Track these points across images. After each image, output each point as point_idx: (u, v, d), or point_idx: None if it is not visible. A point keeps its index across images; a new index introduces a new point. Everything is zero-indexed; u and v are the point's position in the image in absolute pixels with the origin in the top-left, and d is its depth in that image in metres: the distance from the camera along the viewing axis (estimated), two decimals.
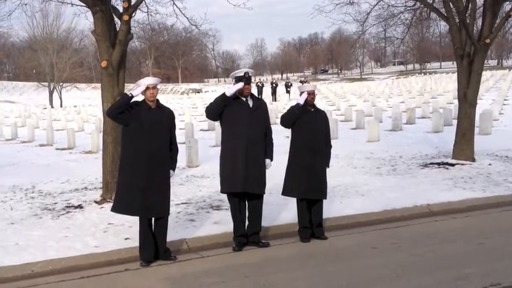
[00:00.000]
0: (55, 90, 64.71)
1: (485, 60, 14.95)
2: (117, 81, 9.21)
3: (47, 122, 30.31)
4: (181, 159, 10.42)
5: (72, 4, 10.78)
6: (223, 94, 6.37)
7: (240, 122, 6.30)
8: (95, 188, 10.35)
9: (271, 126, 6.77)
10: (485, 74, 45.79)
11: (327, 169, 6.96)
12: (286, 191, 6.85)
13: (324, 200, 6.95)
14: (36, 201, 9.45)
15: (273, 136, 6.70)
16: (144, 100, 6.05)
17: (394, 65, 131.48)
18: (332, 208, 7.96)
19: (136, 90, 5.98)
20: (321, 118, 6.92)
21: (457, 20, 11.93)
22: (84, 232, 7.23)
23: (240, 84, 6.30)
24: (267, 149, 6.53)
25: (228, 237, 6.70)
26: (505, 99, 28.37)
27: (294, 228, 6.99)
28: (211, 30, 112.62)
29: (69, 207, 8.87)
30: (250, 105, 6.41)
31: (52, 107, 56.37)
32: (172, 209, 7.30)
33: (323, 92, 46.60)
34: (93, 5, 8.94)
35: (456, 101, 14.40)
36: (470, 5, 11.97)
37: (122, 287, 5.55)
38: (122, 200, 5.95)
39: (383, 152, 13.94)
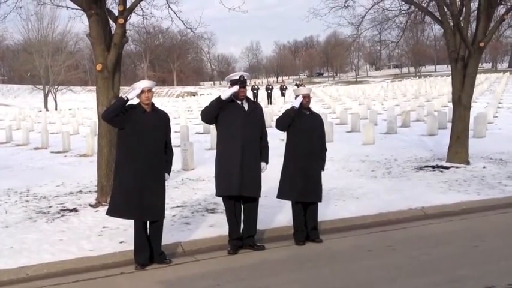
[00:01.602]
0: (50, 93, 64.46)
1: (480, 64, 15.03)
2: (112, 84, 9.21)
3: (41, 125, 30.20)
4: (177, 162, 10.41)
5: (68, 7, 10.77)
6: (219, 97, 6.38)
7: (236, 125, 6.31)
8: (90, 192, 10.33)
9: (267, 129, 6.78)
10: (480, 77, 46.03)
11: (322, 172, 6.97)
12: (282, 194, 6.86)
13: (319, 203, 6.96)
14: (31, 205, 9.42)
15: (268, 139, 6.70)
16: (139, 103, 6.05)
17: (389, 68, 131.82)
18: (327, 211, 7.97)
19: (131, 94, 5.98)
20: (316, 121, 6.94)
21: (452, 24, 11.98)
22: (79, 235, 7.21)
23: (236, 88, 6.31)
24: (262, 152, 6.54)
25: (223, 240, 6.70)
26: (500, 102, 28.49)
27: (289, 231, 6.99)
28: (207, 33, 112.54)
29: (64, 210, 8.85)
30: (246, 108, 6.43)
31: (47, 110, 56.16)
32: (168, 212, 7.28)
33: (318, 95, 46.66)
34: (89, 8, 8.94)
35: (451, 104, 14.44)
36: (464, 8, 12.04)
37: None
38: (117, 203, 5.95)
39: (378, 155, 13.97)
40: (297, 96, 6.87)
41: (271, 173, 7.10)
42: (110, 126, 7.42)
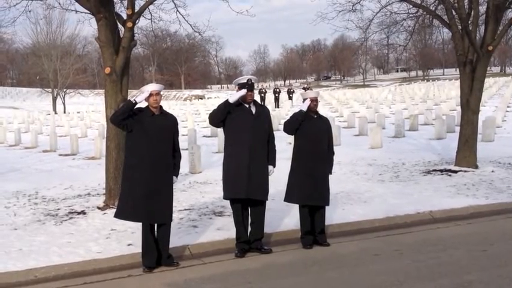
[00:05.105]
0: (58, 96, 64.84)
1: (488, 67, 14.94)
2: (121, 87, 9.26)
3: (50, 127, 30.37)
4: (184, 165, 10.43)
5: (77, 11, 10.84)
6: (227, 101, 6.40)
7: (243, 128, 6.32)
8: (98, 194, 10.37)
9: (274, 132, 6.80)
10: (488, 81, 45.85)
11: (330, 176, 6.97)
12: (289, 197, 6.86)
13: (327, 207, 6.95)
14: (39, 207, 9.47)
15: (276, 142, 6.71)
16: (147, 106, 6.08)
17: (396, 71, 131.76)
18: (334, 215, 7.97)
19: (140, 97, 6.01)
20: (324, 125, 6.94)
21: (460, 27, 11.95)
22: (87, 238, 7.25)
23: (243, 91, 6.33)
24: (269, 156, 6.55)
25: (231, 243, 6.71)
26: (508, 106, 28.35)
27: (297, 234, 6.99)
28: (214, 37, 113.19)
29: (72, 213, 8.89)
30: (253, 111, 6.44)
31: (55, 113, 56.44)
32: (175, 215, 7.30)
33: (326, 98, 46.65)
34: (97, 12, 9.00)
35: (459, 108, 14.40)
36: (472, 12, 11.99)
37: None
38: (125, 206, 5.97)
39: (386, 158, 13.94)
40: (304, 99, 6.88)
41: (279, 176, 7.12)
42: (118, 129, 7.45)
